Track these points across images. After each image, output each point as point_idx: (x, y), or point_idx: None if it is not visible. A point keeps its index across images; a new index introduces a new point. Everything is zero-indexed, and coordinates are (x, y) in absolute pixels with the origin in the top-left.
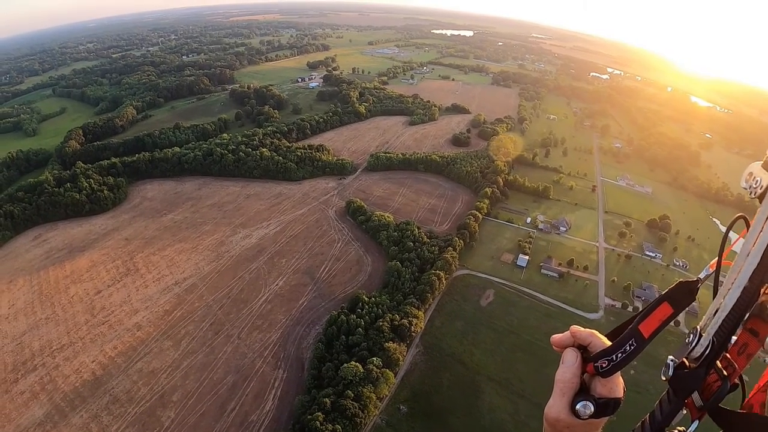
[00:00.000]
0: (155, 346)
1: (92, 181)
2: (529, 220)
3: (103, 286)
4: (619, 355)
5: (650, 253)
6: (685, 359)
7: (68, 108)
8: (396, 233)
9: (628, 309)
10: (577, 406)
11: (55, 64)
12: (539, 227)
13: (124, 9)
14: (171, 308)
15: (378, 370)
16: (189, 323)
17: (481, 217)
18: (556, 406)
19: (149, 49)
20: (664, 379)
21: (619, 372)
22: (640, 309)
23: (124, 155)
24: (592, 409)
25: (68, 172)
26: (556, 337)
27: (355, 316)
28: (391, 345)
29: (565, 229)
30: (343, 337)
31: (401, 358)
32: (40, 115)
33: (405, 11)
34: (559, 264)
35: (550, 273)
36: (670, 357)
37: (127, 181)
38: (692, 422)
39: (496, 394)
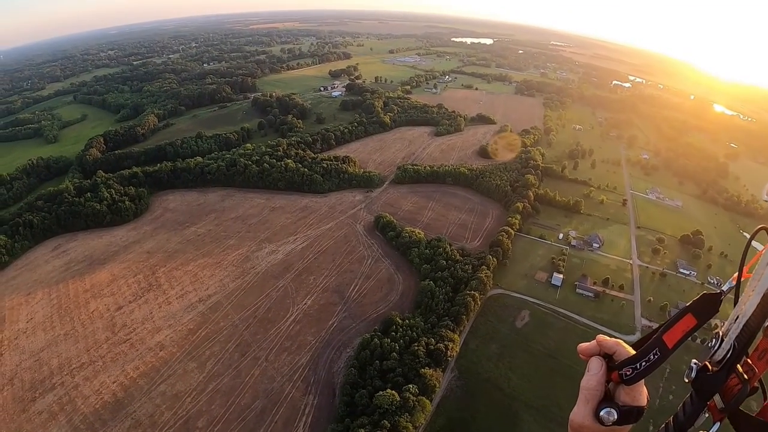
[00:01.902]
0: (179, 368)
1: (113, 191)
2: (561, 236)
3: (124, 302)
4: (643, 363)
5: (685, 271)
6: (707, 362)
7: (89, 115)
8: (428, 251)
9: None
10: (601, 413)
11: (76, 70)
12: (572, 243)
13: (144, 17)
14: (195, 327)
15: (414, 398)
16: (214, 344)
17: (513, 233)
18: (580, 413)
19: (170, 56)
20: (687, 381)
21: (643, 381)
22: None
23: (146, 164)
24: (616, 416)
25: (89, 181)
26: (583, 345)
27: (389, 340)
28: (427, 371)
29: (598, 245)
30: (377, 362)
31: (437, 385)
32: (61, 122)
33: (424, 19)
34: (594, 283)
35: (585, 293)
36: (693, 360)
37: (148, 192)
38: (713, 424)
39: (534, 422)
